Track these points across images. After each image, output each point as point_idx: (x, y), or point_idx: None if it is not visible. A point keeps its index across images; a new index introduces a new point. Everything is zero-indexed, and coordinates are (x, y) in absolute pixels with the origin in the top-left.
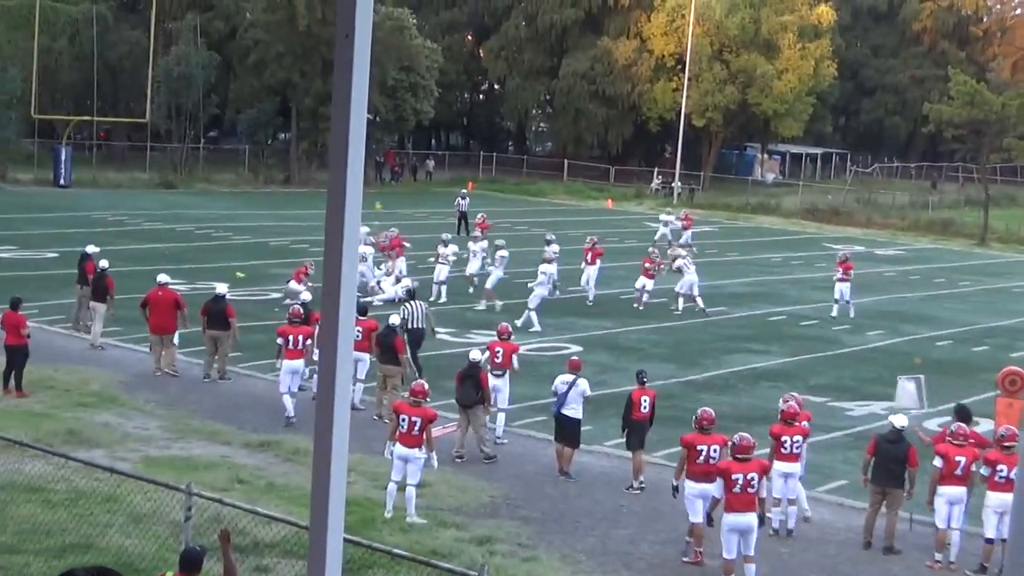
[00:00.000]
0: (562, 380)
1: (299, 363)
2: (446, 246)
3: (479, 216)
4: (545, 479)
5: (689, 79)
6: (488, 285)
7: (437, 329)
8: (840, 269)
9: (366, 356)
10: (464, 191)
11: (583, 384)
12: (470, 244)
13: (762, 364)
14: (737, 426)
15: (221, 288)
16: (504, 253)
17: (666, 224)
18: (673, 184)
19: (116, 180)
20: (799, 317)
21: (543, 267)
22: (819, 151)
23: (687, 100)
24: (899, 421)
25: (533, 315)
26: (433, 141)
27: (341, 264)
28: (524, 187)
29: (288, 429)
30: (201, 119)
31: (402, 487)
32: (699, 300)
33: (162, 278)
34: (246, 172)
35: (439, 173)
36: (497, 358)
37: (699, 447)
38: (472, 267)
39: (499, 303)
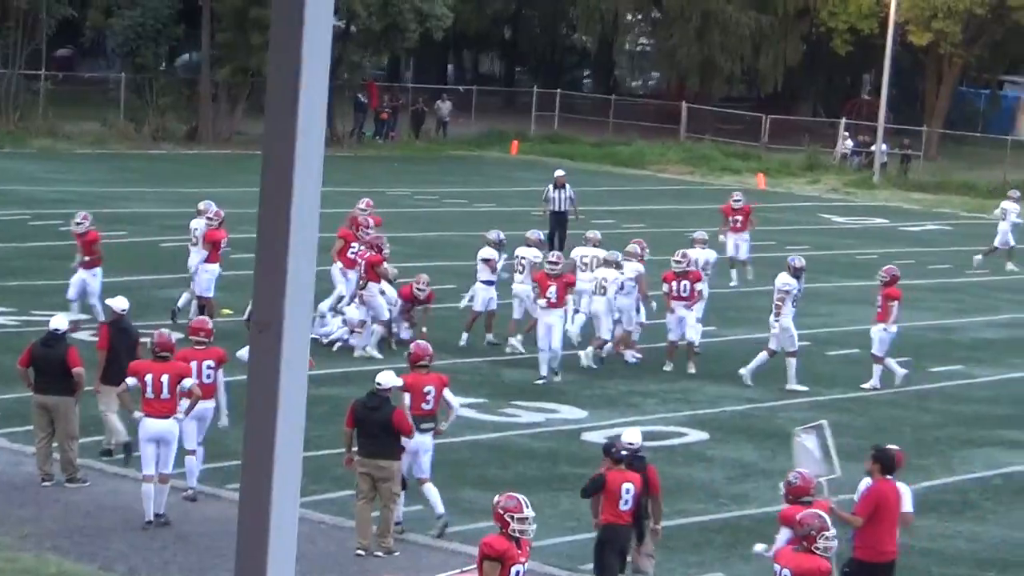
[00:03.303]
0: None
1: (167, 425)
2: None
3: (361, 201)
4: None
5: None
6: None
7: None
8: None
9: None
10: (560, 172)
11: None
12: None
13: None
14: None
15: (59, 322)
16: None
17: (1008, 216)
18: (874, 147)
19: None
20: None
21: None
22: None
23: (899, 1)
24: None
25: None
26: (451, 68)
27: (285, 272)
28: (610, 149)
29: (198, 569)
30: (43, 27)
31: None
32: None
33: None
34: (121, 120)
35: (461, 123)
36: (426, 403)
37: None
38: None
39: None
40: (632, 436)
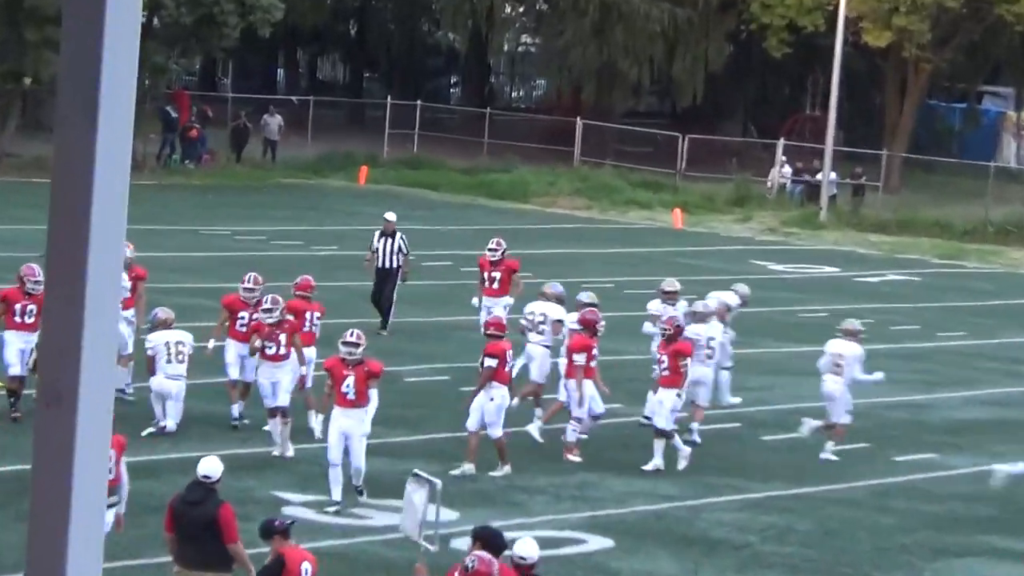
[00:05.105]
0: None
1: None
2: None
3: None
4: None
5: None
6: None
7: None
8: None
9: None
10: (391, 216)
11: None
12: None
13: None
14: None
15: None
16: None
17: None
18: (819, 176)
19: None
20: None
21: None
22: None
23: None
24: None
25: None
26: (281, 73)
27: (81, 331)
28: (484, 177)
29: None
30: None
31: None
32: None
33: None
34: None
35: (294, 143)
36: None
37: None
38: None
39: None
40: (526, 548)
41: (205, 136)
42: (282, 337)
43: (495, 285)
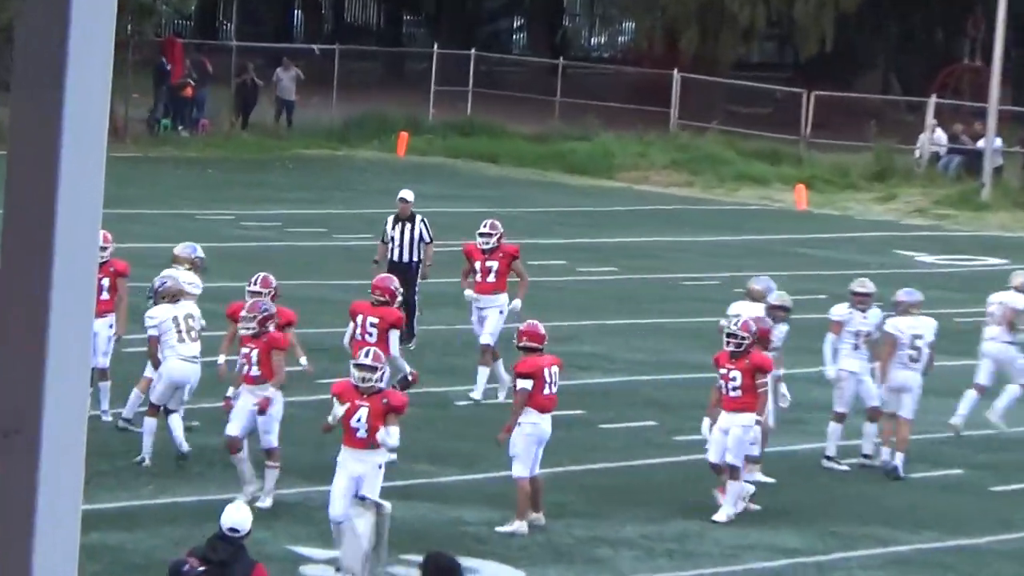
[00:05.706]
0: None
1: None
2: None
3: None
4: None
5: None
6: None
7: None
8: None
9: None
10: (407, 195)
11: None
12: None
13: None
14: None
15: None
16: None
17: None
18: (981, 144)
19: None
20: None
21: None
22: None
23: None
24: None
25: None
26: (298, 16)
27: (44, 346)
28: (557, 146)
29: None
30: None
31: None
32: None
33: None
34: None
35: (316, 104)
36: None
37: None
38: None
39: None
40: None
41: (203, 96)
42: (254, 354)
43: (490, 278)
